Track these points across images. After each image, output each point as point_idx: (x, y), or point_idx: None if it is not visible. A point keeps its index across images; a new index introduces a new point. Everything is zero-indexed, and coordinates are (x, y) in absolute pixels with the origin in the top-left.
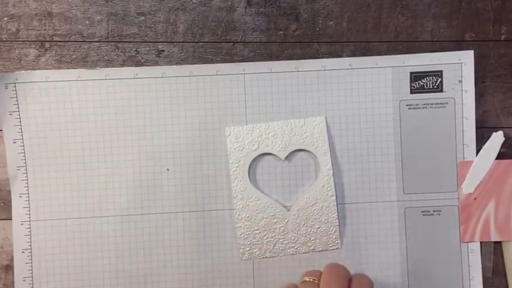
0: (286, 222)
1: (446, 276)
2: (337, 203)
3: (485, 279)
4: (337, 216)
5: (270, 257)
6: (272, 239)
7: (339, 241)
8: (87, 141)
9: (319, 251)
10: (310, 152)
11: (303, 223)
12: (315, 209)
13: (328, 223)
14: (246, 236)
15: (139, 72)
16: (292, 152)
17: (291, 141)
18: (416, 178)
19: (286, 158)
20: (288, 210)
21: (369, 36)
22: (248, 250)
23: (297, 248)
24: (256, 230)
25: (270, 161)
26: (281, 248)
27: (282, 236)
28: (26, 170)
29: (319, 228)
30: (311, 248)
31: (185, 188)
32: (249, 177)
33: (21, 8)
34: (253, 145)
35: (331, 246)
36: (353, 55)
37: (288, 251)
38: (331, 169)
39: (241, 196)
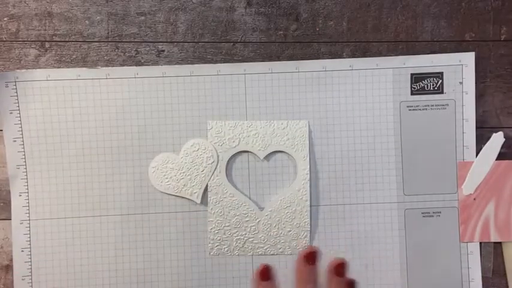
0: (258, 221)
1: (446, 278)
2: (311, 208)
3: (485, 280)
4: (309, 222)
5: (238, 254)
6: (242, 237)
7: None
8: (87, 140)
9: (289, 254)
10: (289, 154)
11: (274, 225)
12: (288, 212)
13: (299, 227)
14: (217, 232)
15: (139, 71)
16: (271, 152)
17: (271, 141)
18: (416, 179)
19: (265, 158)
20: (261, 210)
21: (369, 36)
22: (217, 246)
23: (266, 249)
24: (227, 226)
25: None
26: (250, 247)
27: (252, 235)
28: (25, 168)
29: (290, 231)
30: (280, 250)
31: None
32: (226, 172)
33: (21, 8)
34: (233, 141)
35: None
36: (353, 55)
37: (257, 250)
38: (309, 174)
39: (216, 191)
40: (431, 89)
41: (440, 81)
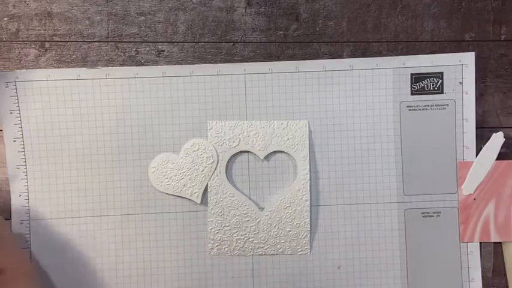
0: (258, 222)
1: (446, 278)
2: (311, 208)
3: (485, 280)
4: (309, 222)
5: (238, 254)
6: (242, 237)
7: (308, 246)
8: (87, 140)
9: (289, 254)
10: (289, 154)
11: (274, 225)
12: (288, 212)
13: (299, 227)
14: (217, 232)
15: (139, 71)
16: (272, 152)
17: (271, 141)
18: (416, 179)
19: (266, 158)
20: (261, 210)
21: (369, 36)
22: (217, 246)
23: (266, 249)
24: (227, 226)
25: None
26: (250, 247)
27: (252, 235)
28: (25, 169)
29: (290, 231)
30: (280, 250)
31: None
32: (226, 172)
33: (21, 8)
34: (233, 141)
35: (300, 251)
36: (353, 55)
37: (257, 251)
38: (309, 174)
39: (216, 191)
40: (431, 89)
41: (440, 81)
